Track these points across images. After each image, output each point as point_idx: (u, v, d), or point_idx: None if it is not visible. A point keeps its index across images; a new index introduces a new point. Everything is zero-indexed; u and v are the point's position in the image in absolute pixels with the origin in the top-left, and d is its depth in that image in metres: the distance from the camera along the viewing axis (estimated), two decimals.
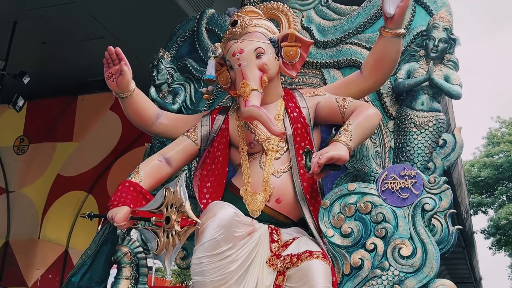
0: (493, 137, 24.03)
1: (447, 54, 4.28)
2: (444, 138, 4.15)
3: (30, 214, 18.19)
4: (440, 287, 3.48)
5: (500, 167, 22.93)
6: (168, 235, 3.46)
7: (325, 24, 4.68)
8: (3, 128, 18.70)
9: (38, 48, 13.06)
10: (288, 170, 3.91)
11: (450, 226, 3.80)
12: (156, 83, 4.85)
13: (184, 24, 5.18)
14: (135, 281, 4.02)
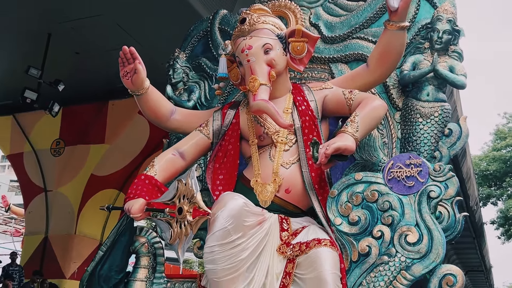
0: (500, 133, 24.04)
1: (452, 45, 4.18)
2: (450, 127, 4.05)
3: (66, 211, 18.52)
4: (446, 272, 3.40)
5: (507, 160, 23.01)
6: (181, 225, 3.46)
7: (333, 20, 4.60)
8: (41, 132, 19.09)
9: (71, 58, 13.18)
10: (297, 161, 3.84)
11: (457, 213, 3.69)
12: (172, 82, 4.83)
13: (198, 24, 5.15)
14: (153, 270, 4.00)
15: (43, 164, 19.35)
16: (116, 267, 3.96)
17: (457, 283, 3.37)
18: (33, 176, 19.55)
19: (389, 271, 3.47)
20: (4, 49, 10.10)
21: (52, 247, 18.31)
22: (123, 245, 3.99)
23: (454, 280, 3.37)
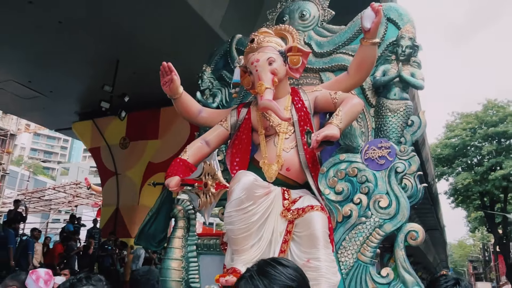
0: (450, 126, 24.16)
1: (412, 57, 4.07)
2: (412, 119, 3.97)
3: (131, 189, 18.78)
4: (410, 229, 3.34)
5: (456, 147, 23.27)
6: (206, 196, 3.48)
7: (321, 40, 4.48)
8: (112, 132, 19.42)
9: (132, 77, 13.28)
10: (295, 146, 3.75)
11: (418, 185, 3.59)
12: (201, 89, 4.80)
13: (220, 46, 5.14)
14: (187, 230, 3.95)
15: (114, 155, 19.69)
16: (160, 228, 3.98)
17: (419, 238, 3.31)
18: (107, 163, 19.93)
19: (366, 229, 3.41)
20: (86, 73, 10.22)
21: (121, 215, 18.70)
22: (165, 211, 4.00)
23: (416, 235, 3.32)
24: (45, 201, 23.45)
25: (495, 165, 22.45)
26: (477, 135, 23.24)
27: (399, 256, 3.34)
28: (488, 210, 23.75)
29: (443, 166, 24.40)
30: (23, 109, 13.45)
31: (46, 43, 8.86)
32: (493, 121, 22.98)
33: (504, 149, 22.50)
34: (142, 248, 14.17)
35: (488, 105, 23.70)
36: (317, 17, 4.59)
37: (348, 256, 3.42)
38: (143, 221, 3.97)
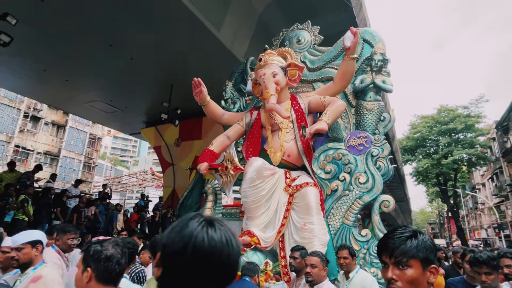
0: (413, 125, 23.66)
1: (383, 68, 3.78)
2: (384, 115, 3.68)
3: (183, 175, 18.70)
4: (383, 199, 3.11)
5: (417, 140, 22.75)
6: (227, 176, 3.36)
7: (313, 58, 4.24)
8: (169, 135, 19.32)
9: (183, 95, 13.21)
10: (294, 138, 3.54)
11: (390, 166, 3.34)
12: (224, 98, 4.62)
13: (238, 66, 4.93)
14: (215, 202, 3.76)
15: (171, 151, 19.58)
16: (195, 201, 3.82)
17: (390, 205, 3.08)
18: (166, 157, 19.84)
19: (349, 200, 3.17)
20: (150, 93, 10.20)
21: (177, 194, 18.60)
22: (198, 189, 3.84)
23: (388, 203, 3.10)
24: (122, 184, 23.90)
25: (447, 153, 21.71)
26: (433, 131, 22.60)
27: (375, 220, 3.09)
28: (442, 186, 23.10)
29: (408, 154, 23.80)
30: (106, 120, 13.52)
31: (122, 73, 8.85)
32: (445, 121, 22.32)
33: (454, 141, 21.75)
34: None
35: (441, 109, 23.04)
36: (310, 41, 4.34)
37: (336, 220, 3.17)
38: (182, 197, 3.83)
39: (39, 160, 18.91)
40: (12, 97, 18.49)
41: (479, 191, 30.58)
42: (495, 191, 25.89)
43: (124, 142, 44.42)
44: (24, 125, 19.35)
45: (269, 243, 3.05)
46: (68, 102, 11.35)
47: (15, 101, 18.75)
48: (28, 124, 19.57)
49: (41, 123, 20.42)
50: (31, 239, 1.77)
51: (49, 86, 9.88)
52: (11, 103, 18.68)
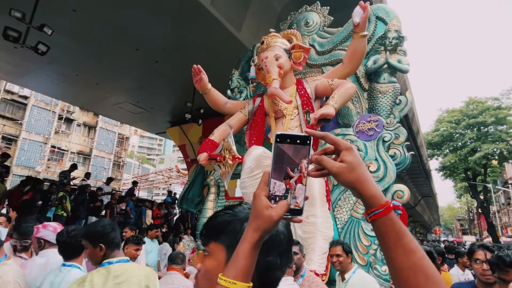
0: (439, 119, 22.35)
1: (399, 46, 3.35)
2: (400, 98, 3.23)
3: None
4: (397, 189, 2.67)
5: (443, 135, 21.42)
6: (225, 167, 3.04)
7: (323, 41, 3.84)
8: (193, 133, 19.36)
9: None
10: (299, 125, 3.18)
11: (406, 153, 2.91)
12: (231, 88, 4.30)
13: (244, 54, 4.59)
14: (217, 194, 3.48)
15: (195, 149, 19.70)
16: (197, 194, 3.57)
17: (404, 196, 2.65)
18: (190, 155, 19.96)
19: None
20: (175, 94, 10.22)
21: None
22: (199, 180, 3.56)
23: (402, 194, 2.67)
24: (149, 181, 24.29)
25: (475, 147, 20.29)
26: (461, 125, 21.18)
27: None
28: (471, 181, 21.63)
29: (433, 149, 22.47)
30: (133, 120, 13.71)
31: (147, 76, 8.97)
32: (474, 114, 20.86)
33: (482, 135, 20.29)
34: None
35: (469, 102, 21.53)
36: (319, 23, 3.94)
37: (343, 213, 2.79)
38: (183, 189, 3.56)
39: (73, 160, 19.54)
40: (47, 101, 19.21)
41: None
42: None
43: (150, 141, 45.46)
44: (58, 126, 20.08)
45: None
46: (98, 104, 11.79)
47: (50, 104, 19.49)
48: (62, 125, 20.30)
49: (74, 125, 21.12)
50: None
51: (81, 90, 10.34)
52: (47, 106, 19.44)
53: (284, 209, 0.58)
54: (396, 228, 0.58)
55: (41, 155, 18.96)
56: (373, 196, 0.59)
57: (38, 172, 17.70)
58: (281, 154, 0.60)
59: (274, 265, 0.58)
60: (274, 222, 0.58)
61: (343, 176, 0.60)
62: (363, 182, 0.60)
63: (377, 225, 0.59)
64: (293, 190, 0.61)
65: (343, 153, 0.62)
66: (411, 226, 28.14)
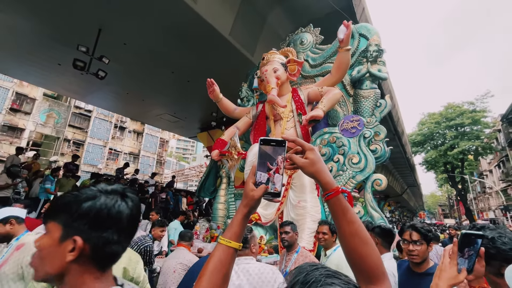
0: (421, 121, 21.37)
1: (379, 58, 3.14)
2: (380, 102, 3.05)
3: None
4: (375, 178, 2.48)
5: (424, 135, 20.52)
6: (232, 160, 2.95)
7: (315, 56, 3.69)
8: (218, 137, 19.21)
9: None
10: (293, 126, 3.04)
11: (386, 148, 2.71)
12: (240, 97, 4.21)
13: (251, 70, 4.49)
14: (228, 184, 3.37)
15: None
16: (212, 184, 3.45)
17: (382, 184, 2.46)
18: None
19: (343, 179, 2.60)
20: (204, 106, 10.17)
21: None
22: (213, 173, 3.44)
23: (380, 182, 2.48)
24: (185, 175, 24.55)
25: (453, 145, 19.31)
26: (440, 126, 20.20)
27: (367, 198, 2.49)
28: (450, 173, 20.54)
29: (417, 147, 21.46)
30: (171, 127, 13.90)
31: (182, 92, 9.16)
32: (452, 116, 19.86)
33: (460, 134, 19.29)
34: None
35: (448, 106, 20.52)
36: (312, 41, 3.78)
37: None
38: (200, 181, 3.47)
39: (125, 159, 19.97)
40: (106, 113, 19.74)
41: (487, 177, 26.99)
42: (502, 177, 22.61)
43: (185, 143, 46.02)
44: (114, 133, 20.57)
45: (269, 219, 2.60)
46: (144, 115, 12.15)
47: (108, 116, 20.00)
48: (117, 132, 20.78)
49: (126, 131, 21.57)
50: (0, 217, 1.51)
51: (131, 105, 10.71)
52: (105, 117, 19.96)
53: (262, 191, 0.66)
54: (342, 205, 0.63)
55: (102, 156, 19.48)
56: (327, 183, 0.65)
57: (99, 169, 18.17)
58: (264, 153, 0.68)
59: (110, 240, 0.53)
60: (256, 200, 0.66)
61: (306, 168, 0.67)
62: (320, 173, 0.67)
63: (330, 204, 0.65)
64: (273, 179, 0.67)
65: (307, 152, 0.69)
66: (399, 211, 27.07)
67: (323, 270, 0.45)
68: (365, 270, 0.60)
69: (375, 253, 0.61)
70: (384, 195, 24.40)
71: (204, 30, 5.31)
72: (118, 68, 7.02)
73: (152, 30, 5.57)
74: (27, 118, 16.74)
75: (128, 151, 21.15)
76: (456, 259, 0.71)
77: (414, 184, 22.02)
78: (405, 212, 31.33)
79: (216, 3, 5.13)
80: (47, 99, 17.80)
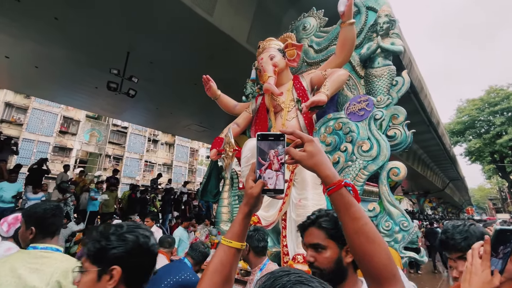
0: (460, 109, 19.13)
1: (391, 30, 2.64)
2: (397, 79, 2.50)
3: None
4: (392, 166, 1.97)
5: (464, 123, 18.28)
6: (227, 158, 2.62)
7: (319, 40, 3.25)
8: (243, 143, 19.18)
9: None
10: (295, 117, 2.64)
11: (407, 131, 2.19)
12: (245, 94, 3.87)
13: None
14: (231, 186, 3.02)
15: None
16: (215, 186, 3.17)
17: (401, 173, 1.94)
18: None
19: (352, 171, 2.11)
20: (227, 115, 10.11)
21: None
22: (215, 174, 3.15)
23: (398, 171, 1.96)
24: None
25: (501, 131, 17.01)
26: (483, 112, 17.94)
27: (383, 191, 1.98)
28: (499, 163, 18.08)
29: (456, 136, 19.28)
30: (199, 137, 14.17)
31: (206, 103, 9.23)
32: (496, 101, 17.56)
33: (507, 119, 16.96)
34: None
35: (490, 90, 18.18)
36: (315, 25, 3.36)
37: None
38: (201, 183, 3.18)
39: (160, 170, 20.75)
40: (140, 129, 20.79)
41: None
42: None
43: None
44: (148, 146, 21.52)
45: (270, 221, 2.22)
46: (173, 127, 12.69)
47: (142, 131, 21.04)
48: (151, 145, 21.72)
49: (159, 144, 22.45)
50: None
51: (161, 118, 11.34)
52: (140, 132, 21.02)
53: (259, 187, 0.64)
54: (345, 200, 0.59)
55: (139, 168, 20.41)
56: (327, 176, 0.63)
57: (137, 180, 19.03)
58: (262, 148, 0.66)
59: None
60: (255, 197, 0.65)
61: (304, 162, 0.66)
62: (320, 166, 0.64)
63: (331, 198, 0.62)
64: (274, 175, 0.63)
65: (306, 144, 0.67)
66: (442, 207, 24.51)
67: (293, 276, 0.40)
68: (372, 271, 0.55)
69: (383, 253, 0.55)
70: (424, 191, 22.21)
71: (222, 41, 5.37)
72: (147, 85, 7.37)
73: (174, 47, 5.76)
74: (74, 139, 18.16)
75: (161, 162, 21.94)
76: (489, 260, 0.61)
77: (457, 178, 19.76)
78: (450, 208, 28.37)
79: (231, 13, 5.22)
80: (89, 120, 19.21)
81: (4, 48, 6.28)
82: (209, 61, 6.20)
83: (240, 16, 5.39)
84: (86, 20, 5.04)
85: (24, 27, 5.40)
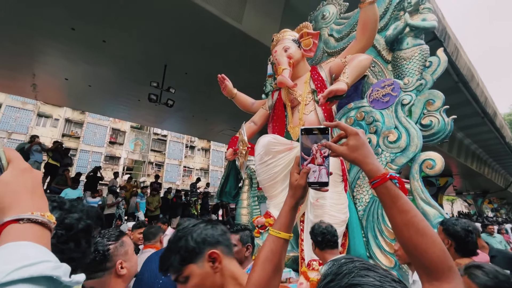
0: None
1: (421, 5, 2.28)
2: (430, 60, 2.15)
3: None
4: (425, 158, 1.65)
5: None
6: (241, 157, 2.51)
7: (340, 28, 2.98)
8: None
9: None
10: (314, 109, 2.39)
11: (446, 118, 1.84)
12: (265, 92, 3.71)
13: None
14: (250, 186, 2.91)
15: None
16: (233, 186, 3.06)
17: (436, 166, 1.60)
18: None
19: None
20: None
21: None
22: (233, 175, 3.04)
23: (433, 163, 1.62)
24: None
25: None
26: None
27: (416, 187, 1.65)
28: None
29: None
30: None
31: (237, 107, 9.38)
32: None
33: None
34: None
35: None
36: (335, 12, 3.10)
37: (363, 193, 1.88)
38: (220, 184, 3.08)
39: (197, 174, 21.49)
40: (178, 136, 21.80)
41: None
42: None
43: None
44: (186, 152, 22.41)
45: None
46: (208, 133, 13.19)
47: (180, 138, 22.03)
48: (188, 151, 22.60)
49: (196, 150, 23.26)
50: None
51: (197, 125, 11.82)
52: (178, 139, 22.04)
53: (304, 177, 0.67)
54: (391, 193, 0.58)
55: (178, 173, 21.36)
56: (371, 170, 0.61)
57: (177, 185, 19.91)
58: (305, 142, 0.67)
59: None
60: (302, 188, 0.68)
61: (346, 156, 0.64)
62: (363, 159, 0.62)
63: (377, 192, 0.60)
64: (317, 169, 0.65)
65: (349, 137, 0.65)
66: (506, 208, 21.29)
67: (358, 263, 0.42)
68: (424, 264, 0.53)
69: (437, 246, 0.53)
70: (482, 191, 19.54)
71: (251, 46, 5.45)
72: (183, 95, 7.81)
73: (206, 57, 6.00)
74: (121, 148, 19.73)
75: (199, 167, 22.70)
76: None
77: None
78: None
79: (260, 18, 5.27)
80: (133, 130, 20.73)
81: (64, 72, 7.15)
82: (239, 67, 6.29)
83: (269, 19, 5.41)
84: (129, 40, 5.54)
85: (78, 52, 6.07)
